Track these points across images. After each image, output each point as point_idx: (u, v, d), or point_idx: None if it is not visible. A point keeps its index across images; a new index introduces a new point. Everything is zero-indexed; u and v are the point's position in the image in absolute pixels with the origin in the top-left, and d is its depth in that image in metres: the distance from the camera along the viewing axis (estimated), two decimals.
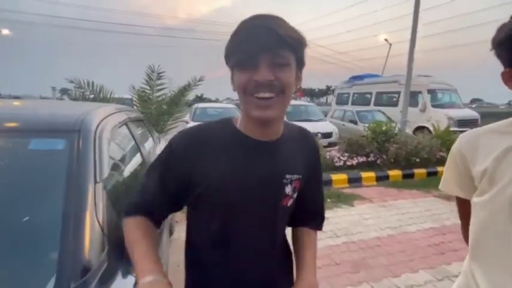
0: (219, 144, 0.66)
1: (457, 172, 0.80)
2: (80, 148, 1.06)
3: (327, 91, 63.86)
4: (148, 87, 4.46)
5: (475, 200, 0.75)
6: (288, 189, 0.71)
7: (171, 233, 2.96)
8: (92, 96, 4.35)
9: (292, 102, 10.48)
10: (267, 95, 0.60)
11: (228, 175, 0.65)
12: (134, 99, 5.00)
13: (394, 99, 9.91)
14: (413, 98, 8.34)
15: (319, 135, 6.70)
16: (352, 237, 3.08)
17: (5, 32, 25.24)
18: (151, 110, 4.48)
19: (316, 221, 0.86)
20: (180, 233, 3.12)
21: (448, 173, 0.85)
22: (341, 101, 12.49)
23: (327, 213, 3.57)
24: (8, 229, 0.81)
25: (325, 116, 9.57)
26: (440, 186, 0.88)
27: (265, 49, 0.58)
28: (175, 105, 4.65)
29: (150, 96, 4.51)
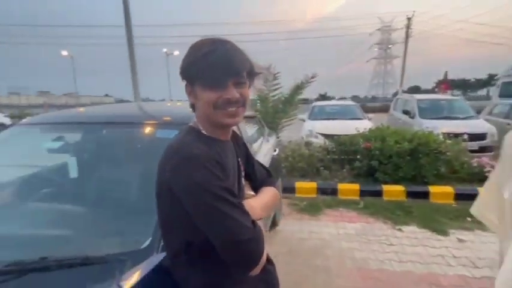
0: (219, 153, 0.78)
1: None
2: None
3: (489, 81, 48.65)
4: (265, 88, 4.87)
5: None
6: (242, 169, 0.93)
7: (275, 224, 3.12)
8: None
9: (430, 96, 8.67)
10: (234, 108, 0.76)
11: (231, 173, 0.82)
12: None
13: None
14: None
15: (466, 136, 5.24)
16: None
17: (176, 53, 33.31)
18: (269, 109, 4.86)
19: (269, 180, 1.02)
20: (285, 226, 3.24)
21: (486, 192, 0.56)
22: (508, 92, 9.30)
23: (465, 236, 2.82)
24: (129, 196, 1.10)
25: (479, 113, 7.44)
26: (471, 210, 0.62)
27: (233, 74, 0.73)
28: (289, 104, 4.84)
29: (267, 96, 4.90)
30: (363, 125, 5.40)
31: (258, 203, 0.86)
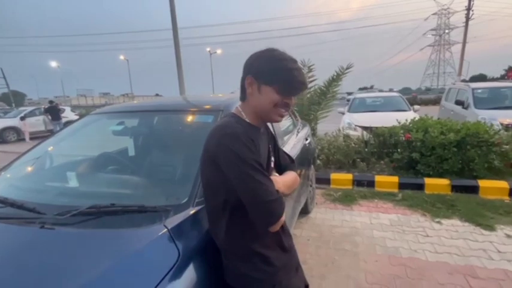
0: (253, 135, 0.92)
1: None
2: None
3: None
4: None
5: None
6: (271, 154, 1.08)
7: (307, 211, 3.25)
8: None
9: (489, 84, 7.68)
10: (284, 111, 0.95)
11: (262, 154, 0.97)
12: None
13: None
14: None
15: None
16: None
17: (219, 51, 34.68)
18: (304, 101, 4.91)
19: (290, 166, 1.18)
20: (318, 214, 3.35)
21: None
22: None
23: None
24: (174, 167, 1.36)
25: None
26: None
27: (301, 91, 0.94)
28: (324, 96, 4.83)
29: None
30: (406, 116, 5.15)
31: (280, 179, 1.03)
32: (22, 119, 11.86)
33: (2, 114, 14.16)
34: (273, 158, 1.10)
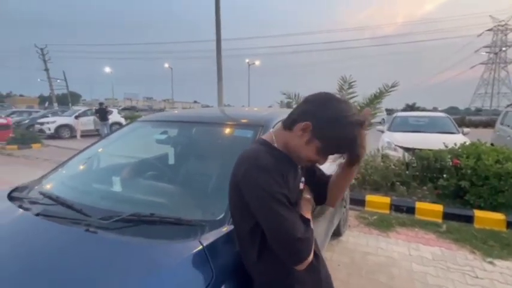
0: (284, 166, 0.89)
1: None
2: (260, 136, 1.52)
3: None
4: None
5: None
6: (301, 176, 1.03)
7: (339, 233, 3.09)
8: (294, 104, 5.33)
9: None
10: None
11: (291, 181, 0.91)
12: None
13: None
14: None
15: None
16: None
17: (257, 62, 35.47)
18: None
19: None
20: (350, 237, 3.17)
21: None
22: None
23: None
24: (211, 180, 1.37)
25: None
26: None
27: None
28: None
29: None
30: (455, 140, 4.74)
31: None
32: (76, 117, 13.14)
33: (60, 113, 15.81)
34: (303, 179, 1.04)
